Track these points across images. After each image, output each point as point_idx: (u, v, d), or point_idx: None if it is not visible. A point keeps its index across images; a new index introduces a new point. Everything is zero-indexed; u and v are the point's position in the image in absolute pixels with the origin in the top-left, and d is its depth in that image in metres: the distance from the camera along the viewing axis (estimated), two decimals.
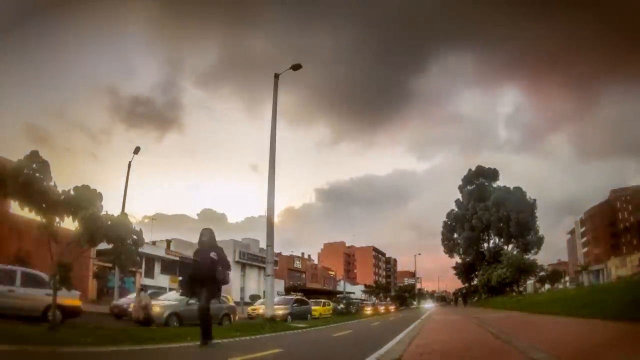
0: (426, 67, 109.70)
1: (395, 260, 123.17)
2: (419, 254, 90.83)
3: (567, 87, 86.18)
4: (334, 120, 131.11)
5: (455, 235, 57.68)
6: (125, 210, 21.28)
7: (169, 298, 16.43)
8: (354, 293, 68.26)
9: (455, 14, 71.93)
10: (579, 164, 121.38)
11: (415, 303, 79.43)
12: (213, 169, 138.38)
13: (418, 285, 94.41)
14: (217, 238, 7.73)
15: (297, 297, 26.11)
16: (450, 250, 57.83)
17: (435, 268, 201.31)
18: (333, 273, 79.57)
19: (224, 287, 7.60)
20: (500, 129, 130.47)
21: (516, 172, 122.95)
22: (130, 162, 23.18)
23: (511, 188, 54.71)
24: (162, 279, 33.92)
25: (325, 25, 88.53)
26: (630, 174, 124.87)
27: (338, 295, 54.43)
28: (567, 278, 73.36)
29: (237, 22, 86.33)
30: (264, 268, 18.64)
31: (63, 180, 8.64)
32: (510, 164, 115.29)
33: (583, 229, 79.48)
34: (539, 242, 52.54)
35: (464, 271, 57.64)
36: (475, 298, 60.68)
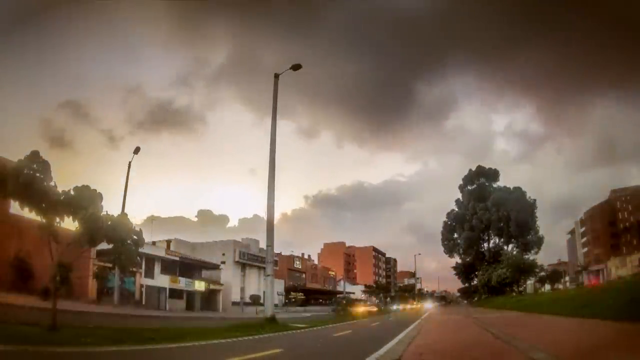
0: (431, 80, 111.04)
1: (395, 260, 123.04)
2: (419, 254, 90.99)
3: (563, 100, 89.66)
4: (336, 127, 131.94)
5: (455, 235, 57.59)
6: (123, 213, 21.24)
7: None
8: (354, 293, 68.22)
9: (459, 33, 74.50)
10: (578, 169, 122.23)
11: (415, 303, 79.40)
12: (211, 171, 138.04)
13: (418, 286, 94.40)
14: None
15: None
16: (450, 250, 57.74)
17: (437, 269, 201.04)
18: (333, 273, 79.51)
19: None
20: (500, 139, 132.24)
21: (516, 173, 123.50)
22: (130, 162, 23.20)
23: (511, 188, 54.69)
24: (162, 279, 33.88)
25: (329, 34, 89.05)
26: (620, 180, 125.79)
27: (338, 295, 54.42)
28: (567, 278, 73.27)
29: (244, 27, 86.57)
30: (264, 268, 18.64)
31: (63, 180, 8.66)
32: (510, 166, 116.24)
33: (583, 229, 79.39)
34: (538, 242, 52.46)
35: (464, 271, 57.58)
36: (476, 298, 60.66)
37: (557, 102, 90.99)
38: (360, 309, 40.53)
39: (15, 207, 11.04)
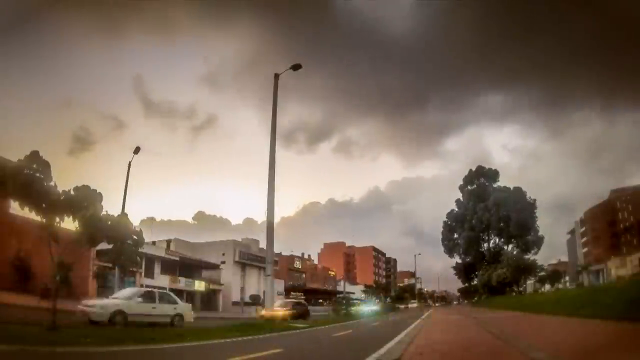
0: (437, 97, 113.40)
1: (395, 260, 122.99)
2: (419, 254, 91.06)
3: (562, 107, 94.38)
4: (335, 131, 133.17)
5: (455, 236, 57.55)
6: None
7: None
8: (354, 293, 68.20)
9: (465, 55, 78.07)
10: (578, 170, 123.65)
11: (415, 304, 79.29)
12: (209, 175, 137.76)
13: (418, 286, 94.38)
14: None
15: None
16: (450, 250, 57.67)
17: (437, 270, 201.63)
18: (333, 273, 79.46)
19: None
20: (501, 143, 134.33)
21: (516, 172, 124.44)
22: (130, 162, 23.11)
23: (511, 188, 54.68)
24: (162, 279, 33.88)
25: (334, 44, 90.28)
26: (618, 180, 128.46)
27: (338, 295, 54.39)
28: (567, 278, 73.25)
29: (250, 29, 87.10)
30: (264, 268, 18.63)
31: (63, 180, 8.65)
32: (510, 167, 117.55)
33: (583, 229, 79.36)
34: (538, 242, 52.46)
35: (464, 271, 57.53)
36: (476, 298, 60.63)
37: (557, 107, 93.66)
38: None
39: (15, 207, 11.04)
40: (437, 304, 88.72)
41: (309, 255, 78.36)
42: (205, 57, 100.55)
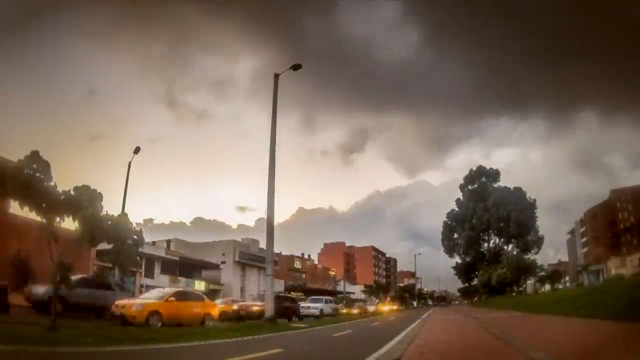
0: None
1: (395, 260, 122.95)
2: (419, 254, 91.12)
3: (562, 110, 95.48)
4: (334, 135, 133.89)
5: (455, 235, 57.55)
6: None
7: None
8: (353, 293, 68.19)
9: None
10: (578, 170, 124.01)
11: (414, 303, 79.29)
12: (207, 178, 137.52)
13: (418, 285, 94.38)
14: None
15: None
16: (450, 250, 57.66)
17: (437, 269, 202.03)
18: (333, 273, 79.45)
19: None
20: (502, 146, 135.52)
21: (516, 173, 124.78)
22: (130, 162, 23.09)
23: (511, 188, 54.69)
24: (162, 279, 33.87)
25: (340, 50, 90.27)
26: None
27: (338, 295, 54.40)
28: (567, 278, 73.28)
29: (255, 30, 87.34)
30: (264, 268, 18.63)
31: (63, 179, 8.66)
32: (510, 169, 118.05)
33: (583, 229, 79.35)
34: (538, 242, 52.49)
35: (464, 271, 57.51)
36: (476, 298, 60.65)
37: (558, 109, 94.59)
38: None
39: (15, 207, 11.04)
40: (436, 304, 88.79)
41: (309, 256, 78.40)
42: (215, 60, 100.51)
